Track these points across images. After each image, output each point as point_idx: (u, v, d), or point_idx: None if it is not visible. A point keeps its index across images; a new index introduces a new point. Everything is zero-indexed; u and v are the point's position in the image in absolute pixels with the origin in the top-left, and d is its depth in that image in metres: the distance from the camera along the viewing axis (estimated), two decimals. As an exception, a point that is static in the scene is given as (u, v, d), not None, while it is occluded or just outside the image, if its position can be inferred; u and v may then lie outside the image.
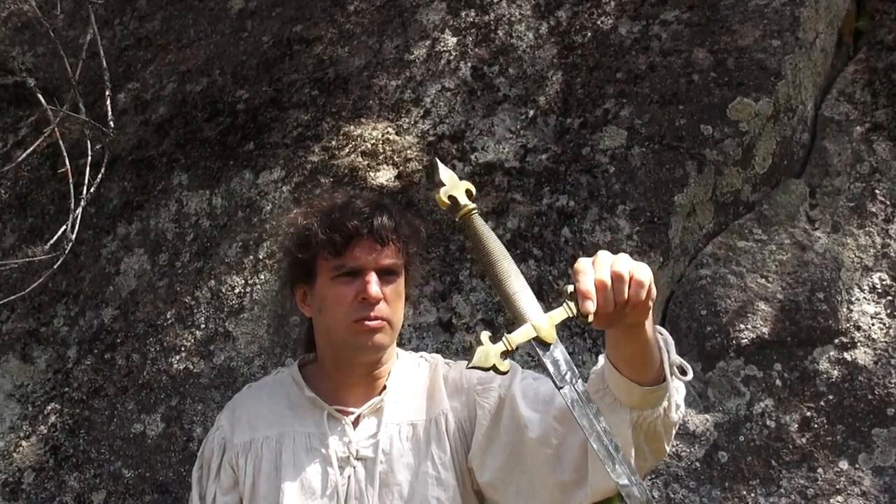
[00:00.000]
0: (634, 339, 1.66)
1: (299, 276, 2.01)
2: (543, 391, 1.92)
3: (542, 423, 1.87)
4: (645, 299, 1.58)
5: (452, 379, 2.02)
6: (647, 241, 2.85)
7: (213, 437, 2.04)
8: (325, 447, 1.94)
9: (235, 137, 3.23)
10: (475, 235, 1.57)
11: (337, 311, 1.93)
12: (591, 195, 2.90)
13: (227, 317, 2.94)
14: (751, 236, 2.94)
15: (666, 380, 1.70)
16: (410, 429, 1.98)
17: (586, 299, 1.54)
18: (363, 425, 1.98)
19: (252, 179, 3.13)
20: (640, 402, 1.72)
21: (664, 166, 2.91)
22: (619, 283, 1.56)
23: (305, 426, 1.98)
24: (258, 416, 2.01)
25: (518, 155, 3.00)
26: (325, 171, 3.04)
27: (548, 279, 2.83)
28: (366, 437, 1.96)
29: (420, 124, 3.11)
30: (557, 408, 1.85)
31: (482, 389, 1.98)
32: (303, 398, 2.01)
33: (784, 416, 2.76)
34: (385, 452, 1.94)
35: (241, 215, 3.08)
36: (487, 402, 1.97)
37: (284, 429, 1.98)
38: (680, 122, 2.95)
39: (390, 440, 1.96)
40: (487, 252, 1.57)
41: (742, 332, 2.84)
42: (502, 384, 1.97)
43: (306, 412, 1.99)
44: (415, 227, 2.03)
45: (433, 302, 2.83)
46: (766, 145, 3.01)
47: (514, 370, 2.00)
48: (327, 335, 1.98)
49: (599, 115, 3.02)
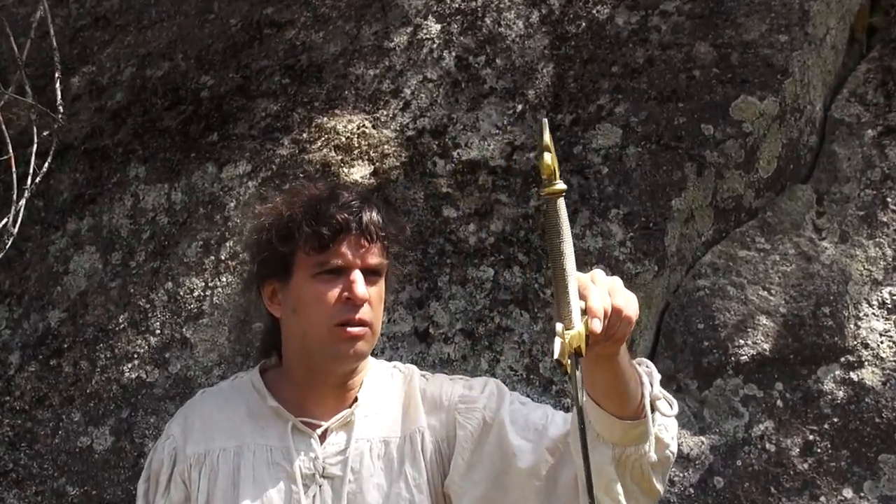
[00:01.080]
0: (610, 370, 1.68)
1: (272, 270, 1.97)
2: (534, 419, 1.92)
3: (533, 452, 1.87)
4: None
5: (431, 394, 2.00)
6: (642, 249, 2.83)
7: (163, 447, 2.01)
8: (288, 462, 1.91)
9: (198, 127, 3.21)
10: (555, 220, 1.56)
11: (316, 313, 1.90)
12: (581, 198, 2.88)
13: (184, 322, 2.92)
14: (753, 245, 2.93)
15: (646, 415, 1.71)
16: (383, 446, 1.96)
17: (595, 317, 1.53)
18: (331, 440, 1.95)
19: (215, 173, 3.11)
20: (621, 438, 1.72)
21: (661, 168, 2.91)
22: (615, 317, 1.58)
23: (267, 438, 1.95)
24: (214, 426, 1.98)
25: (504, 153, 2.99)
26: (295, 166, 3.03)
27: (534, 287, 2.82)
28: (334, 454, 1.94)
29: (399, 117, 3.09)
30: (551, 438, 1.86)
31: (465, 409, 1.97)
32: (265, 407, 1.98)
33: (785, 440, 2.75)
34: (354, 471, 1.92)
35: (203, 212, 3.05)
36: (470, 423, 1.95)
37: (244, 440, 1.95)
38: (679, 121, 2.95)
39: (360, 458, 1.94)
40: (561, 242, 1.56)
41: (742, 348, 2.83)
42: (488, 406, 1.95)
43: (268, 423, 1.96)
44: (400, 225, 2.02)
45: (409, 309, 2.81)
46: (770, 148, 3.01)
47: (500, 391, 1.99)
48: (301, 339, 1.94)
49: (593, 111, 3.01)
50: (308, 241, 1.91)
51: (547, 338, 2.72)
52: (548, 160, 1.55)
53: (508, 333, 2.78)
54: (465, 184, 2.96)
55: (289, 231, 1.93)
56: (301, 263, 1.93)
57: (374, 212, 1.94)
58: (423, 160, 3.01)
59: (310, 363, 1.95)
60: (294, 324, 1.95)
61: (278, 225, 1.95)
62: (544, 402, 2.62)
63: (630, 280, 2.76)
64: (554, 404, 2.64)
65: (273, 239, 1.95)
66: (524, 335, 2.78)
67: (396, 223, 2.01)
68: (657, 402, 1.73)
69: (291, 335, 1.97)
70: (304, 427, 1.95)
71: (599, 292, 1.57)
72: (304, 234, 1.90)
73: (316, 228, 1.90)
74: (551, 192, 1.56)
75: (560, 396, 2.71)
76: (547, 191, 1.56)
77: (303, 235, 1.91)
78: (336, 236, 1.90)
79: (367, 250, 1.93)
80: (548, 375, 2.73)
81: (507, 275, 2.83)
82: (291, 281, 1.94)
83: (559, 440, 1.86)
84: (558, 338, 1.51)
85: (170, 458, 1.98)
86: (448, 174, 2.97)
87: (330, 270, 1.91)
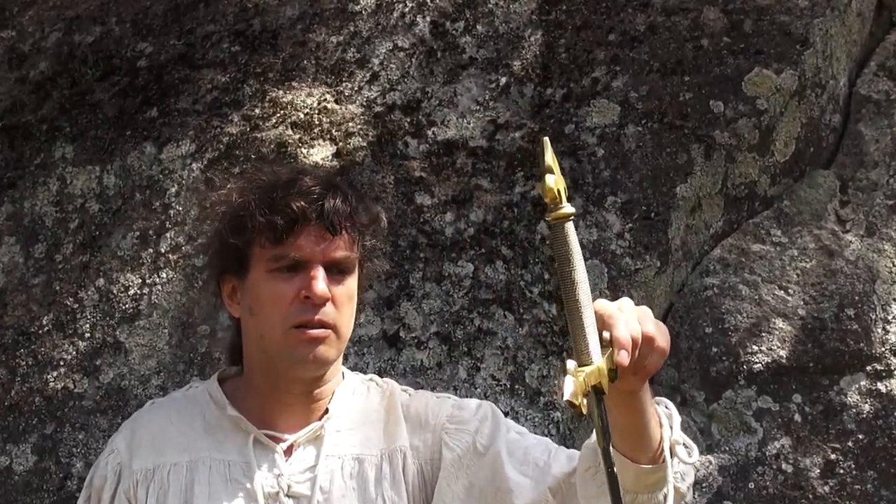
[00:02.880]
0: (629, 408, 1.69)
1: (229, 265, 1.98)
2: (536, 454, 1.93)
3: (533, 490, 1.88)
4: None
5: (415, 412, 2.01)
6: (642, 242, 2.82)
7: (106, 463, 2.00)
8: (248, 479, 1.91)
9: (134, 101, 3.17)
10: (566, 247, 1.59)
11: (272, 313, 1.91)
12: (574, 183, 2.86)
13: (118, 324, 2.89)
14: (768, 238, 2.93)
15: (665, 460, 1.72)
16: (356, 464, 1.96)
17: (622, 350, 1.56)
18: (298, 456, 1.95)
19: (154, 154, 3.08)
20: (634, 484, 1.73)
21: (664, 150, 2.89)
22: (646, 347, 1.61)
23: (225, 453, 1.95)
24: (165, 439, 1.97)
25: (486, 132, 2.97)
26: (246, 146, 3.00)
27: (519, 285, 2.80)
28: (301, 471, 1.94)
29: (365, 91, 3.07)
30: (554, 476, 1.88)
31: (453, 429, 1.98)
32: (223, 419, 1.97)
33: (804, 459, 2.75)
34: (324, 490, 1.92)
35: (140, 198, 3.02)
36: (458, 445, 1.96)
37: (198, 455, 1.95)
38: (685, 97, 2.94)
39: (331, 476, 1.93)
40: (573, 271, 1.59)
41: (755, 355, 2.82)
42: (480, 431, 1.96)
43: (227, 436, 1.96)
44: (374, 213, 2.02)
45: (376, 310, 2.80)
46: (788, 128, 3.00)
47: (495, 417, 2.00)
48: (258, 342, 1.95)
49: (587, 85, 2.99)
50: (262, 232, 1.91)
51: (533, 343, 2.71)
52: (550, 183, 1.57)
53: (490, 337, 2.76)
54: (441, 167, 2.94)
55: (242, 222, 1.93)
56: (257, 258, 1.94)
57: (338, 199, 1.94)
58: (392, 140, 2.98)
59: (271, 370, 1.95)
60: (251, 326, 1.96)
61: (232, 214, 1.97)
62: (530, 415, 2.63)
63: (628, 277, 2.79)
64: (542, 418, 2.64)
65: (227, 230, 1.96)
66: (508, 339, 2.76)
67: (369, 212, 2.01)
68: (676, 448, 1.74)
69: (250, 338, 1.99)
70: (267, 440, 1.95)
71: (628, 320, 1.60)
72: (258, 225, 1.91)
73: (270, 218, 1.90)
74: (557, 217, 1.59)
75: (549, 409, 2.70)
76: (552, 216, 1.59)
77: (257, 226, 1.91)
78: (292, 227, 1.90)
79: (331, 243, 1.92)
80: (535, 386, 2.72)
81: (489, 271, 2.82)
82: (248, 278, 1.95)
83: (563, 480, 1.88)
84: (569, 376, 1.53)
85: (114, 474, 1.98)
86: (422, 156, 2.95)
87: (288, 266, 1.92)
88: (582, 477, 1.81)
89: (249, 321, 1.97)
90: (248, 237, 1.93)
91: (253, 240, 1.93)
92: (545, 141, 1.60)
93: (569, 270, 1.59)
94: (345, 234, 1.93)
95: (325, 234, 1.92)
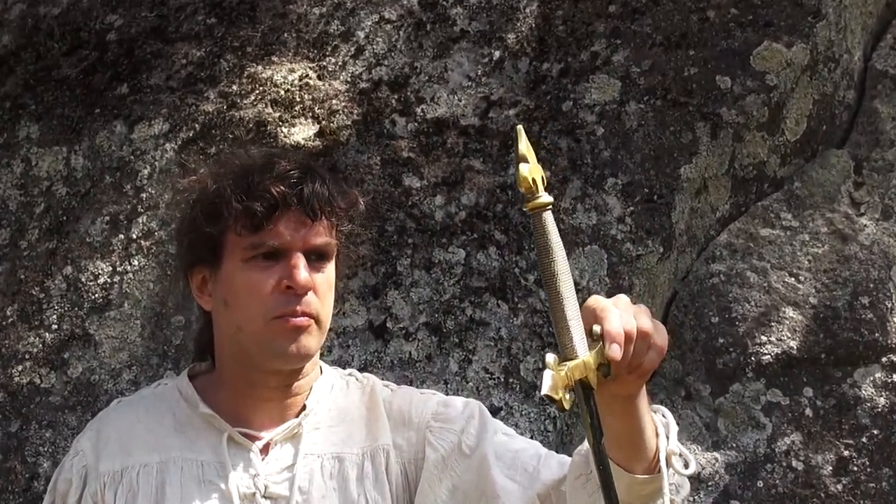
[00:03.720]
0: (625, 415, 1.71)
1: (200, 255, 1.98)
2: (525, 458, 1.94)
3: (521, 497, 1.90)
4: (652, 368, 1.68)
5: (398, 409, 2.03)
6: (644, 226, 2.82)
7: (71, 465, 2.00)
8: (223, 480, 1.91)
9: (104, 77, 3.16)
10: (545, 237, 1.62)
11: (250, 304, 1.91)
12: (572, 164, 2.87)
13: (87, 315, 2.89)
14: (778, 222, 2.94)
15: (661, 471, 1.74)
16: (336, 464, 1.97)
17: (613, 343, 1.57)
18: (275, 455, 1.96)
19: (125, 133, 3.07)
20: (626, 494, 1.73)
21: (668, 129, 2.89)
22: (641, 342, 1.62)
23: (198, 452, 1.95)
24: (133, 439, 1.97)
25: (478, 110, 2.97)
26: (223, 126, 3.00)
27: (513, 272, 2.80)
28: (278, 470, 1.94)
29: (350, 66, 3.06)
30: (543, 483, 1.90)
31: (438, 428, 2.00)
32: (194, 417, 1.98)
33: (815, 456, 2.76)
34: (303, 491, 1.93)
35: (110, 181, 3.01)
36: (442, 444, 1.98)
37: (169, 455, 1.95)
38: (689, 72, 2.93)
39: (310, 476, 1.94)
40: (552, 262, 1.61)
41: (764, 345, 2.83)
42: (466, 431, 1.98)
43: (199, 435, 1.96)
44: (352, 198, 2.03)
45: (362, 299, 2.80)
46: (799, 105, 3.01)
47: (483, 417, 2.01)
48: (235, 336, 1.95)
49: (585, 59, 2.99)
50: (239, 219, 1.92)
51: (528, 334, 2.72)
52: (524, 172, 1.60)
53: (483, 328, 2.76)
54: (430, 147, 2.93)
55: (216, 208, 1.94)
56: (232, 246, 1.94)
57: (317, 183, 1.95)
58: (379, 118, 2.97)
59: (247, 364, 1.96)
60: (226, 318, 1.96)
61: (204, 201, 1.97)
62: (526, 411, 2.62)
63: (630, 264, 2.80)
64: (537, 414, 2.64)
65: (199, 218, 1.96)
66: (502, 330, 2.76)
67: (347, 196, 2.02)
68: (672, 458, 1.76)
69: (224, 332, 1.99)
70: (241, 439, 1.96)
71: (622, 314, 1.61)
72: (233, 212, 1.92)
73: (247, 204, 1.91)
74: (534, 207, 1.62)
75: (545, 404, 2.70)
76: (529, 206, 1.62)
77: (232, 213, 1.92)
78: (272, 213, 1.91)
79: (311, 229, 1.93)
80: (530, 379, 2.72)
81: (482, 257, 2.81)
82: (222, 268, 1.96)
83: (552, 486, 1.89)
84: (548, 370, 1.55)
85: (79, 477, 1.97)
86: (410, 135, 2.94)
87: (266, 254, 1.92)
88: (572, 485, 1.83)
89: (224, 313, 1.96)
90: (222, 225, 1.93)
91: (227, 227, 1.93)
92: (519, 129, 1.61)
93: (548, 262, 1.61)
94: (324, 220, 1.94)
95: (304, 219, 1.92)
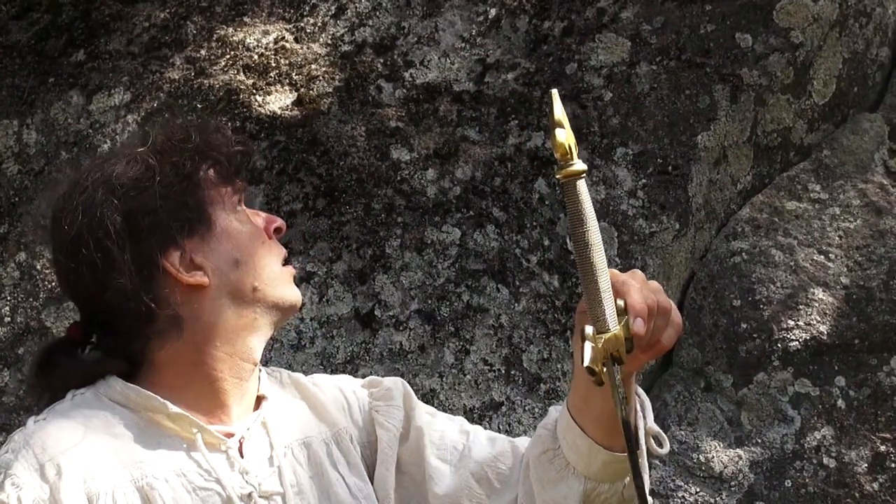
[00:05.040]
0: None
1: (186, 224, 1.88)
2: (452, 437, 2.01)
3: (453, 478, 1.97)
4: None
5: (332, 396, 2.03)
6: (658, 201, 2.85)
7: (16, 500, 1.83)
8: (218, 485, 1.85)
9: (58, 42, 3.24)
10: (579, 206, 1.66)
11: (263, 254, 1.91)
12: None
13: (43, 306, 2.94)
14: (805, 195, 2.99)
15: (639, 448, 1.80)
16: (304, 450, 1.96)
17: (638, 317, 1.66)
18: (249, 450, 1.91)
19: (82, 104, 3.14)
20: (599, 472, 1.83)
21: (683, 92, 2.93)
22: (661, 318, 1.70)
23: (173, 461, 1.85)
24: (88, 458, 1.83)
25: (473, 74, 3.00)
26: (191, 94, 3.05)
27: (514, 253, 2.83)
28: (259, 465, 1.90)
29: (331, 27, 3.11)
30: (476, 461, 1.96)
31: (383, 406, 2.02)
32: (145, 424, 1.88)
33: (849, 452, 2.80)
34: (293, 483, 1.92)
35: (66, 156, 3.07)
36: (392, 422, 2.01)
37: (141, 469, 1.84)
38: (706, 29, 2.98)
39: (293, 468, 1.93)
40: (586, 232, 1.67)
41: (791, 331, 2.85)
42: (405, 404, 2.04)
43: (161, 443, 1.87)
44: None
45: (347, 285, 2.83)
46: (828, 64, 3.07)
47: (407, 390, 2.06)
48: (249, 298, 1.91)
49: (591, 17, 3.03)
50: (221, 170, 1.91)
51: (532, 321, 2.69)
52: (561, 137, 1.64)
53: (481, 315, 2.79)
54: (421, 116, 2.97)
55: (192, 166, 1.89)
56: (218, 203, 1.91)
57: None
58: (363, 84, 3.00)
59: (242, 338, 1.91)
60: (238, 280, 1.89)
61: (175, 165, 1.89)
62: (529, 405, 2.62)
63: (642, 242, 2.85)
64: (542, 409, 2.63)
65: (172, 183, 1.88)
66: (502, 317, 2.79)
67: None
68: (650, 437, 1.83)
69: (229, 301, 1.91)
70: (216, 437, 1.89)
71: (642, 289, 1.68)
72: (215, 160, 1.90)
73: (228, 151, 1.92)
74: (568, 175, 1.65)
75: (550, 398, 2.73)
76: (563, 173, 1.65)
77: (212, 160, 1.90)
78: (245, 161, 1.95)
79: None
80: (534, 370, 2.76)
81: (479, 237, 2.84)
82: (216, 228, 1.90)
83: (487, 464, 1.97)
84: (589, 342, 1.65)
85: None
86: (398, 103, 2.98)
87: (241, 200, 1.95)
88: (538, 460, 1.88)
89: (233, 275, 1.88)
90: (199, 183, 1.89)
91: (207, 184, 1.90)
92: (554, 94, 1.65)
93: (582, 231, 1.66)
94: None
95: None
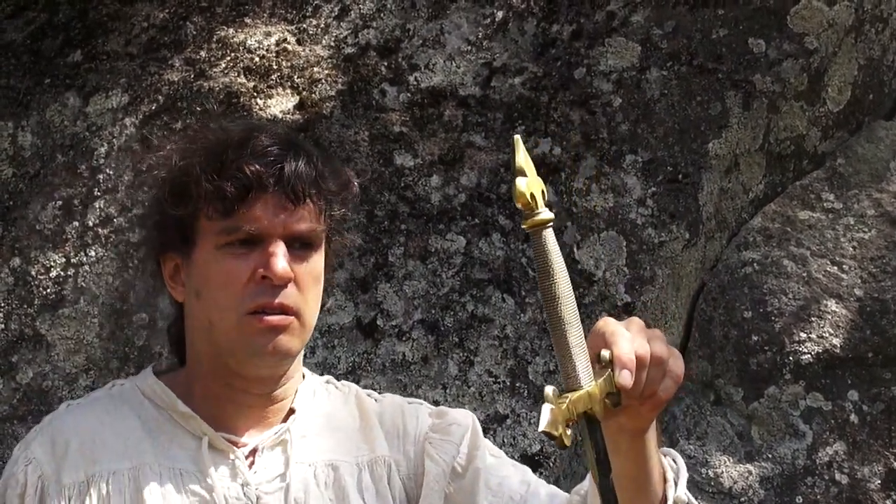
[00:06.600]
0: (632, 452, 1.73)
1: (170, 241, 1.95)
2: (512, 485, 1.96)
3: None
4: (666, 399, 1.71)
5: (391, 421, 2.02)
6: (668, 209, 2.85)
7: (24, 475, 1.90)
8: (208, 490, 1.88)
9: (54, 43, 3.21)
10: (545, 257, 1.64)
11: (223, 296, 1.89)
12: (585, 139, 2.90)
13: (38, 312, 2.92)
14: (819, 204, 2.98)
15: None
16: (330, 472, 1.95)
17: (624, 368, 1.59)
18: (262, 463, 1.93)
19: (79, 107, 3.11)
20: None
21: (694, 98, 2.93)
22: (655, 368, 1.64)
23: (173, 459, 1.92)
24: (97, 444, 1.92)
25: (479, 78, 3.00)
26: (190, 97, 3.03)
27: (520, 262, 2.82)
28: (268, 479, 1.91)
29: (333, 29, 3.10)
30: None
31: (438, 439, 1.99)
32: (164, 420, 1.95)
33: (861, 468, 2.80)
34: (298, 502, 1.91)
35: (62, 160, 3.04)
36: (443, 456, 1.98)
37: (142, 460, 1.91)
38: (718, 34, 2.97)
39: (304, 486, 1.92)
40: (553, 285, 1.63)
41: (803, 343, 2.86)
42: (464, 444, 2.00)
43: (173, 440, 1.93)
44: (344, 179, 1.99)
45: (348, 294, 2.83)
46: (843, 71, 3.07)
47: (476, 430, 2.03)
48: (207, 332, 1.93)
49: (600, 20, 3.03)
50: (209, 201, 1.89)
51: (537, 332, 2.73)
52: (521, 186, 1.61)
53: (486, 325, 2.79)
54: (425, 120, 2.97)
55: (185, 189, 1.91)
56: (204, 231, 1.92)
57: (301, 161, 1.91)
58: (367, 88, 2.99)
59: (222, 365, 1.93)
60: (198, 311, 1.94)
61: (172, 180, 1.94)
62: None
63: (651, 252, 2.84)
64: None
65: (167, 199, 1.93)
66: (507, 328, 2.79)
67: (338, 176, 1.98)
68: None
69: (195, 327, 1.97)
70: (224, 444, 1.92)
71: (633, 339, 1.63)
72: (203, 193, 1.89)
73: (218, 184, 1.88)
74: (534, 224, 1.63)
75: None
76: (528, 223, 1.63)
77: (202, 194, 1.89)
78: (245, 195, 1.88)
79: (293, 213, 1.90)
80: (539, 383, 2.76)
81: (484, 245, 2.84)
82: (194, 255, 1.93)
83: None
84: (546, 404, 1.57)
85: (35, 489, 1.89)
86: (402, 107, 2.98)
87: (243, 241, 1.89)
88: None
89: (196, 306, 1.94)
90: (192, 207, 1.91)
91: (199, 210, 1.90)
92: (517, 139, 1.62)
93: (549, 284, 1.62)
94: (309, 203, 1.90)
95: (285, 203, 1.89)
